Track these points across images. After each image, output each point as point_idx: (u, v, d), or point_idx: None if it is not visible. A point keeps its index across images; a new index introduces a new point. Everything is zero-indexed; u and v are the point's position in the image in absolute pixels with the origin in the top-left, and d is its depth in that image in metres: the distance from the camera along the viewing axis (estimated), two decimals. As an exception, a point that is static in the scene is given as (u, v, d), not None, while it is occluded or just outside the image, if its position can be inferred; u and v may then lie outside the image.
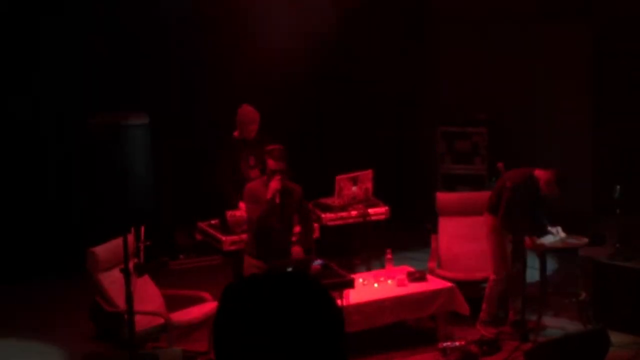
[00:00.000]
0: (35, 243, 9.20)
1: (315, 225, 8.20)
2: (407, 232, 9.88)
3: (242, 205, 7.53)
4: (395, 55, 10.93)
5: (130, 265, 5.80)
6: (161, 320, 6.85)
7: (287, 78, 10.04)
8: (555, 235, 7.64)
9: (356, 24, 10.39)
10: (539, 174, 7.27)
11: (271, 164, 6.84)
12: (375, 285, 7.52)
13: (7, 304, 8.68)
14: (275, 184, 6.80)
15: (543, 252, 7.66)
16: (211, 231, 8.00)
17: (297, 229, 7.27)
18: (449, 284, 7.50)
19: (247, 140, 7.94)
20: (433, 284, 7.54)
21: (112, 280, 6.83)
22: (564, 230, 7.68)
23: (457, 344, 7.11)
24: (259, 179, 7.13)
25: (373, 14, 10.56)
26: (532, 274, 7.70)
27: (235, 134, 8.05)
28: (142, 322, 6.61)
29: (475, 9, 10.75)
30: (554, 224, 7.67)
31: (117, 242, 6.67)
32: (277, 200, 6.84)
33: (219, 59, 9.61)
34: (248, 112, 7.95)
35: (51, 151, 9.43)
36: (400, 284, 7.46)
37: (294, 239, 7.17)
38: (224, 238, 7.72)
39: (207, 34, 9.66)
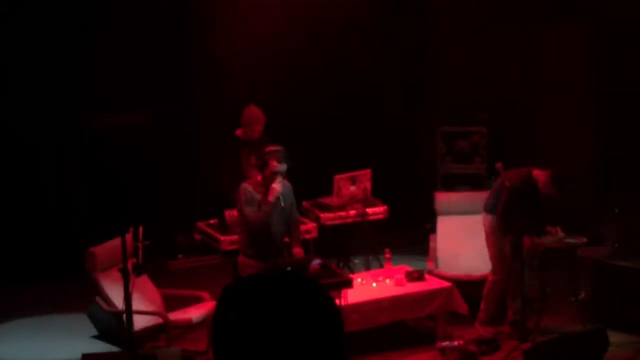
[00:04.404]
0: (34, 243, 9.19)
1: (314, 224, 8.20)
2: (405, 232, 9.87)
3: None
4: (396, 55, 10.93)
5: (129, 265, 5.80)
6: (160, 320, 6.85)
7: (287, 78, 10.05)
8: (554, 235, 7.65)
9: (357, 25, 10.40)
10: (537, 173, 7.27)
11: (274, 165, 6.71)
12: (374, 284, 7.52)
13: (6, 304, 8.68)
14: (278, 187, 6.74)
15: (542, 252, 7.66)
16: (210, 231, 8.01)
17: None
18: (447, 284, 7.50)
19: (249, 139, 7.93)
20: (431, 283, 7.54)
21: (110, 280, 6.82)
22: (563, 230, 7.69)
23: (455, 343, 7.10)
24: (253, 178, 7.05)
25: (374, 15, 10.56)
26: (531, 274, 7.70)
27: (237, 132, 8.04)
28: (140, 322, 6.62)
29: (476, 9, 10.74)
30: (553, 224, 7.67)
31: (116, 242, 6.66)
32: (283, 204, 6.80)
33: (220, 59, 9.60)
34: (255, 113, 7.94)
35: (50, 152, 9.42)
36: (398, 283, 7.47)
37: (286, 239, 7.14)
38: (222, 238, 7.72)
39: (208, 34, 9.66)
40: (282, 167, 6.73)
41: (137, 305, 6.33)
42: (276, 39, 9.70)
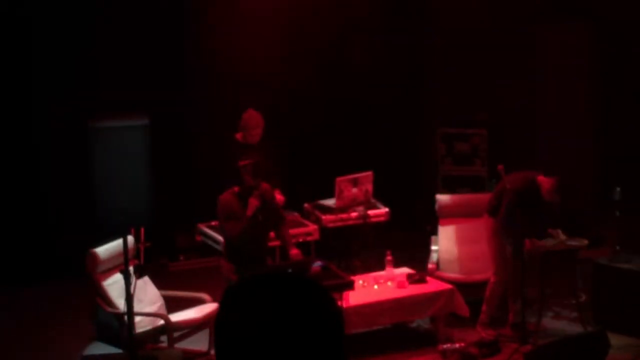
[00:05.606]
0: (35, 244, 9.19)
1: (315, 227, 8.19)
2: (407, 234, 9.87)
3: None
4: (395, 56, 10.93)
5: (130, 266, 5.79)
6: (161, 322, 6.84)
7: (288, 80, 10.04)
8: (555, 238, 7.64)
9: (358, 25, 10.40)
10: (542, 180, 7.26)
11: (248, 180, 6.72)
12: (375, 287, 7.52)
13: (8, 305, 8.67)
14: (255, 201, 6.71)
15: (543, 254, 7.66)
16: (211, 232, 8.00)
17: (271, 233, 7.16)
18: (448, 286, 7.49)
19: (249, 144, 7.93)
20: (433, 285, 7.53)
21: (112, 282, 6.82)
22: (564, 232, 7.67)
23: (456, 346, 7.10)
24: (229, 190, 6.93)
25: (374, 15, 10.56)
26: (532, 276, 7.69)
27: (237, 136, 8.04)
28: (141, 324, 6.61)
29: (476, 9, 10.74)
30: (553, 226, 7.66)
31: (117, 244, 6.66)
32: (260, 218, 6.76)
33: (221, 61, 9.61)
34: (253, 117, 7.93)
35: (50, 151, 9.41)
36: (400, 285, 7.46)
37: (276, 243, 7.11)
38: (223, 239, 7.70)
39: (208, 34, 9.66)
40: (256, 181, 6.71)
41: (138, 306, 6.32)
42: (276, 39, 9.70)
